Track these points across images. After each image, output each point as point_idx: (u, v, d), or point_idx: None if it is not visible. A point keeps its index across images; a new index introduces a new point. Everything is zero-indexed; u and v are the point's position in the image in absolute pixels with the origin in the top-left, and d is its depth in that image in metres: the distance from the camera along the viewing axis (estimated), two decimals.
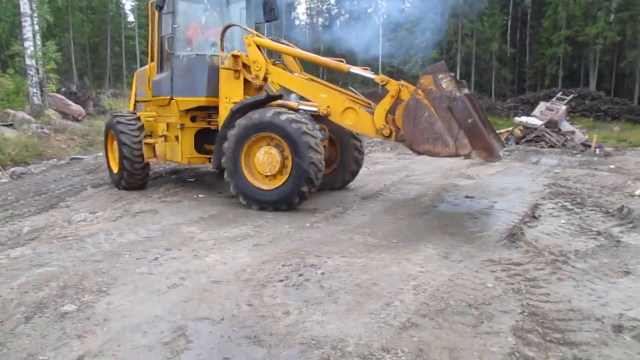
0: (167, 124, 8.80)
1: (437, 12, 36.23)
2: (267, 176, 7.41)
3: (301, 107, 7.70)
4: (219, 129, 7.83)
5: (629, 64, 38.21)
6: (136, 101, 10.18)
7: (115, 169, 9.37)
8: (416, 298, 4.48)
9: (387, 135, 6.95)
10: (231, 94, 7.83)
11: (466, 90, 6.79)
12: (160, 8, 8.30)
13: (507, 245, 6.07)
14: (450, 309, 4.27)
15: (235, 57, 7.78)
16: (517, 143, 19.29)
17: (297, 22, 67.94)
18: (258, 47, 7.77)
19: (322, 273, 5.03)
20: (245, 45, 7.76)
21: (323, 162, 7.22)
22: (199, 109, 8.47)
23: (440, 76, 6.26)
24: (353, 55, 48.14)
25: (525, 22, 46.09)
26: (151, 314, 4.13)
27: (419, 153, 6.62)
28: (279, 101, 7.67)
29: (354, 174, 9.21)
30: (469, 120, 6.18)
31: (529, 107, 30.46)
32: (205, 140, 8.72)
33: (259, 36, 7.90)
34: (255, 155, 7.43)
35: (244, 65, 7.80)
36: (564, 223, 7.10)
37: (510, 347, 3.65)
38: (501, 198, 8.63)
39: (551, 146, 18.63)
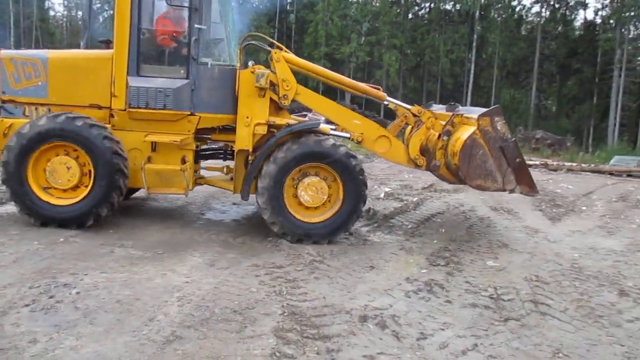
0: (155, 143, 6.83)
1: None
2: (308, 208, 6.81)
3: (332, 132, 7.19)
4: (248, 152, 6.85)
5: (376, 81, 43.66)
6: (5, 101, 7.00)
7: (55, 199, 6.59)
8: (181, 310, 4.39)
9: (420, 165, 7.35)
10: (253, 113, 6.80)
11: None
12: None
13: (271, 249, 6.36)
14: (215, 317, 4.29)
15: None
16: None
17: (52, 13, 61.56)
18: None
19: (78, 292, 4.61)
20: (274, 60, 6.90)
21: None
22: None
23: (496, 119, 6.88)
24: None
25: (290, 37, 49.22)
26: None
27: (471, 187, 7.16)
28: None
29: None
30: (517, 160, 6.99)
31: None
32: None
33: (287, 51, 7.08)
34: (300, 186, 6.74)
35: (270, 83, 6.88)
36: None
37: (271, 348, 3.82)
38: None
39: None
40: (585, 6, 46.60)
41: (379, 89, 7.71)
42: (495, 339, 4.30)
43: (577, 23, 48.33)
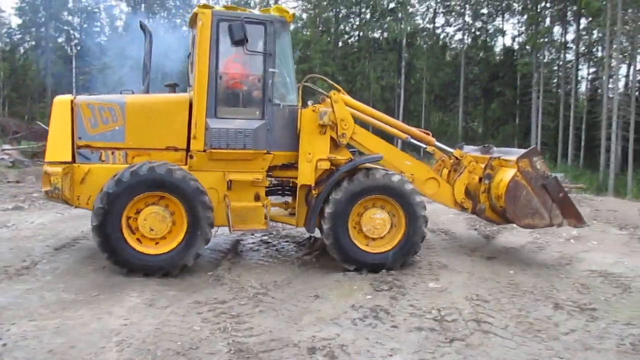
0: (230, 182, 6.95)
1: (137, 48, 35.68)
2: (372, 239, 7.05)
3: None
4: (312, 188, 7.12)
5: None
6: (80, 146, 6.73)
7: (144, 247, 6.41)
8: (120, 355, 4.18)
9: (467, 208, 7.75)
10: (315, 150, 7.10)
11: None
12: (241, 42, 6.61)
13: (212, 284, 6.19)
14: None
15: None
16: None
17: None
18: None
19: (4, 344, 4.29)
20: (332, 101, 7.19)
21: None
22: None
23: (534, 159, 7.27)
24: (43, 84, 43.69)
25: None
26: None
27: (520, 227, 7.56)
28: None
29: None
30: (561, 195, 7.37)
31: None
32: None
33: (344, 93, 7.50)
34: (363, 218, 7.01)
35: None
36: (263, 256, 7.63)
37: None
38: None
39: None
40: (503, 33, 49.45)
41: (428, 134, 8.08)
42: None
43: (497, 49, 51.10)
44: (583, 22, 41.29)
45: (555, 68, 45.10)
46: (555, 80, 45.35)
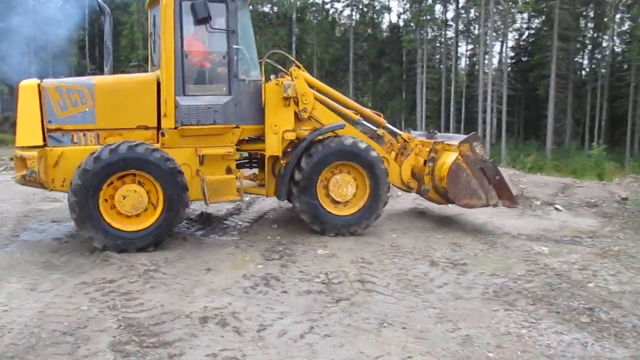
0: (202, 157, 7.09)
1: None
2: (339, 203, 7.55)
3: None
4: (280, 158, 7.46)
5: None
6: (51, 130, 6.54)
7: (120, 225, 6.47)
8: (1, 341, 4.02)
9: (412, 187, 8.30)
10: (281, 122, 7.36)
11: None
12: (205, 20, 6.77)
13: (100, 264, 6.03)
14: (43, 342, 4.02)
15: None
16: None
17: None
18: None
19: None
20: (293, 77, 7.44)
21: None
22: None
23: (474, 144, 7.80)
24: None
25: (103, 39, 46.26)
26: None
27: (459, 206, 7.95)
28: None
29: None
30: (497, 177, 7.94)
31: None
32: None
33: (304, 70, 7.73)
34: (331, 182, 7.49)
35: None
36: None
37: None
38: None
39: None
40: (389, 10, 51.20)
41: (380, 115, 8.62)
42: (329, 319, 4.65)
43: (384, 25, 52.85)
44: (461, 1, 43.78)
45: (438, 45, 47.59)
46: (437, 57, 47.86)
